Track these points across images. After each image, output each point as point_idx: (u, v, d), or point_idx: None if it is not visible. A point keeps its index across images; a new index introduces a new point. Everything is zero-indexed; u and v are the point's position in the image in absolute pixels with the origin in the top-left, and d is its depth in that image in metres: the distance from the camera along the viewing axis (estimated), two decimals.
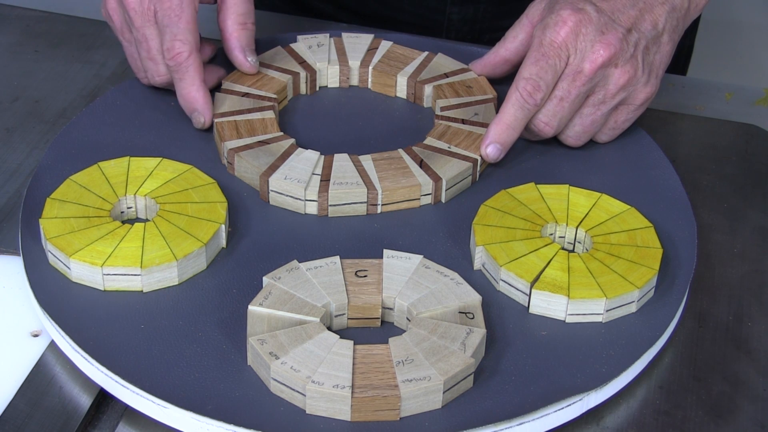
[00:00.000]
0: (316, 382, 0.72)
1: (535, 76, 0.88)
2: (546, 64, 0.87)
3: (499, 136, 0.89)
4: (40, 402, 0.75)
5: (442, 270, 0.80)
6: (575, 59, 0.87)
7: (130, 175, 0.86)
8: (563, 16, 0.87)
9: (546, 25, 0.88)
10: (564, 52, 0.87)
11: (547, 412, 0.74)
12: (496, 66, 0.97)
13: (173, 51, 0.90)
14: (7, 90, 1.01)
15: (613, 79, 0.88)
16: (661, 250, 0.83)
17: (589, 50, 0.87)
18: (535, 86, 0.88)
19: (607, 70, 0.88)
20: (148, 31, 0.91)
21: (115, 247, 0.80)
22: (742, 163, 0.97)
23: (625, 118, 0.92)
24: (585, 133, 0.91)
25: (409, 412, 0.73)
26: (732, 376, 0.80)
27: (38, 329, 0.80)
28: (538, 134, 0.91)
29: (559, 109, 0.89)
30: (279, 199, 0.87)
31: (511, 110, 0.89)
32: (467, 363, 0.74)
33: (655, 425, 0.76)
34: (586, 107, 0.90)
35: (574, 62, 0.87)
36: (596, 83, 0.88)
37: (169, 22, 0.90)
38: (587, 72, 0.87)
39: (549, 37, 0.87)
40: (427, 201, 0.88)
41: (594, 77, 0.87)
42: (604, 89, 0.89)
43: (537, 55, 0.88)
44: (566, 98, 0.88)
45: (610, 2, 0.88)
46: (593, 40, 0.87)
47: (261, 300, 0.77)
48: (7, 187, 0.91)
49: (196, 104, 0.91)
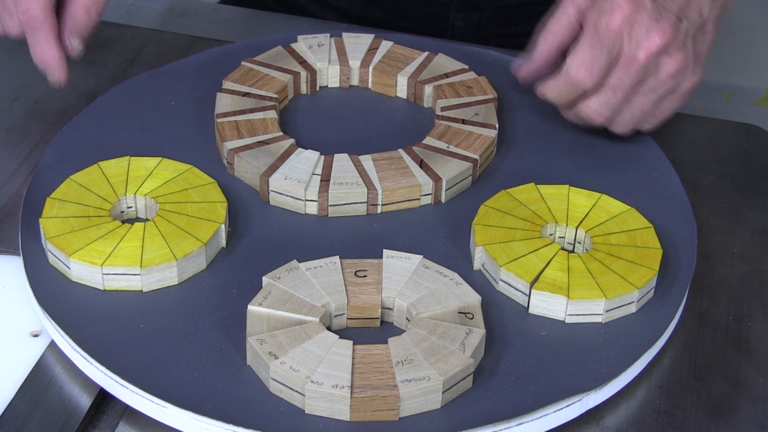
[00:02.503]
0: (316, 382, 0.72)
1: (588, 63, 0.86)
2: (600, 51, 0.86)
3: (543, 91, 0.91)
4: (40, 402, 0.75)
5: (442, 270, 0.80)
6: (630, 47, 0.86)
7: (130, 175, 0.86)
8: (619, 3, 0.86)
9: (601, 10, 0.86)
10: (619, 39, 0.86)
11: (546, 413, 0.74)
12: (551, 54, 0.93)
13: (26, 5, 0.89)
14: (7, 90, 1.01)
15: (665, 68, 0.87)
16: (661, 250, 0.83)
17: (645, 38, 0.86)
18: (589, 71, 0.87)
19: (660, 59, 0.87)
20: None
21: (115, 247, 0.80)
22: (742, 163, 0.97)
23: (670, 107, 0.91)
24: (633, 120, 0.91)
25: (408, 412, 0.73)
26: (732, 376, 0.80)
27: (38, 329, 0.80)
28: (588, 121, 0.91)
29: (612, 99, 0.88)
30: (279, 199, 0.87)
31: (560, 85, 0.89)
32: (466, 363, 0.74)
33: (655, 425, 0.76)
34: (637, 95, 0.89)
35: (628, 50, 0.86)
36: (648, 71, 0.87)
37: None
38: (642, 60, 0.86)
39: (605, 22, 0.86)
40: (427, 201, 0.88)
41: (647, 65, 0.86)
42: (655, 77, 0.88)
43: (592, 40, 0.86)
44: (620, 87, 0.87)
45: None
46: (648, 28, 0.86)
47: (260, 300, 0.77)
48: (7, 187, 0.91)
49: (49, 62, 0.91)
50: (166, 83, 0.98)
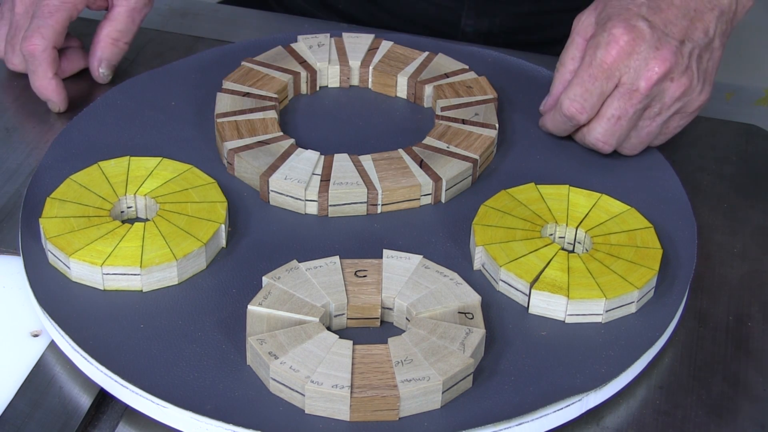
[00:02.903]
0: (315, 382, 0.72)
1: (580, 98, 0.87)
2: (593, 86, 0.87)
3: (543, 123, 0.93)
4: (40, 402, 0.75)
5: (442, 270, 0.80)
6: (629, 77, 0.86)
7: (130, 175, 0.86)
8: (615, 35, 0.86)
9: (598, 44, 0.87)
10: (615, 72, 0.86)
11: (546, 413, 0.74)
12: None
13: (30, 41, 0.95)
14: (7, 90, 1.01)
15: (669, 93, 0.87)
16: (661, 250, 0.83)
17: (644, 68, 0.86)
18: (579, 109, 0.88)
19: (663, 85, 0.87)
20: (23, 20, 0.97)
21: (115, 247, 0.80)
22: (742, 163, 0.97)
23: (678, 125, 0.91)
24: (641, 144, 0.91)
25: (408, 412, 0.73)
26: (732, 376, 0.80)
27: (38, 329, 0.80)
28: (595, 149, 0.91)
29: (617, 128, 0.88)
30: (279, 199, 0.87)
31: (554, 122, 0.91)
32: (466, 363, 0.74)
33: (655, 425, 0.76)
34: (643, 120, 0.89)
35: (628, 81, 0.86)
36: (653, 98, 0.87)
37: (41, 15, 0.95)
38: (643, 90, 0.86)
39: (600, 57, 0.86)
40: (427, 201, 0.88)
41: (650, 94, 0.87)
42: (660, 102, 0.88)
43: (585, 76, 0.87)
44: (623, 117, 0.88)
45: (661, 14, 0.87)
46: (647, 57, 0.86)
47: (260, 300, 0.77)
48: (7, 187, 0.91)
49: (50, 94, 0.97)
50: (166, 83, 0.98)
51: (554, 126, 0.92)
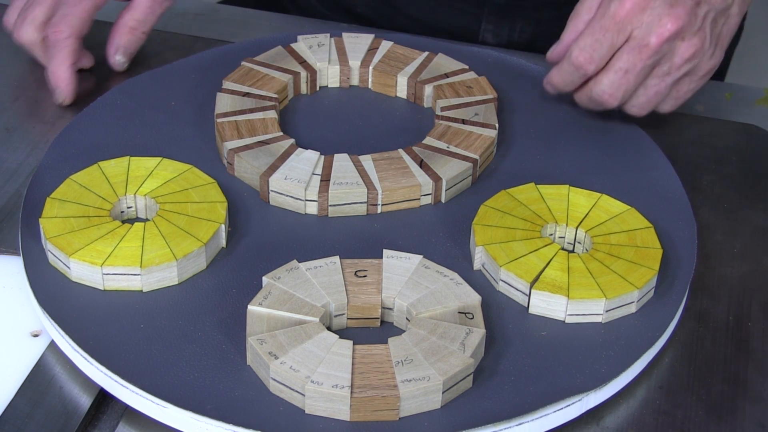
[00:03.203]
0: (316, 382, 0.72)
1: (590, 48, 0.87)
2: (603, 37, 0.87)
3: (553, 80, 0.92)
4: (40, 402, 0.75)
5: (442, 270, 0.80)
6: (640, 32, 0.86)
7: (130, 175, 0.86)
8: None
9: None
10: (626, 26, 0.86)
11: (546, 413, 0.74)
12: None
13: (56, 27, 0.96)
14: (7, 90, 1.01)
15: (680, 52, 0.87)
16: (661, 250, 0.83)
17: (656, 23, 0.86)
18: (587, 58, 0.88)
19: (674, 43, 0.87)
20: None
21: (115, 247, 0.80)
22: (742, 163, 0.97)
23: (688, 89, 0.91)
24: (649, 103, 0.91)
25: (408, 412, 0.73)
26: (732, 376, 0.80)
27: (38, 329, 0.80)
28: (602, 105, 0.91)
29: (623, 82, 0.88)
30: (279, 199, 0.87)
31: (561, 73, 0.90)
32: (466, 363, 0.74)
33: (655, 425, 0.76)
34: (651, 78, 0.89)
35: (639, 35, 0.86)
36: (662, 55, 0.87)
37: (68, 3, 0.96)
38: (653, 45, 0.86)
39: (613, 9, 0.86)
40: (427, 201, 0.88)
41: (660, 50, 0.86)
42: (669, 61, 0.88)
43: (596, 27, 0.87)
44: (631, 71, 0.88)
45: None
46: (661, 14, 0.86)
47: (260, 300, 0.77)
48: (7, 187, 0.91)
49: (61, 83, 0.97)
50: (166, 83, 0.98)
51: (561, 78, 0.92)
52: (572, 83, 0.91)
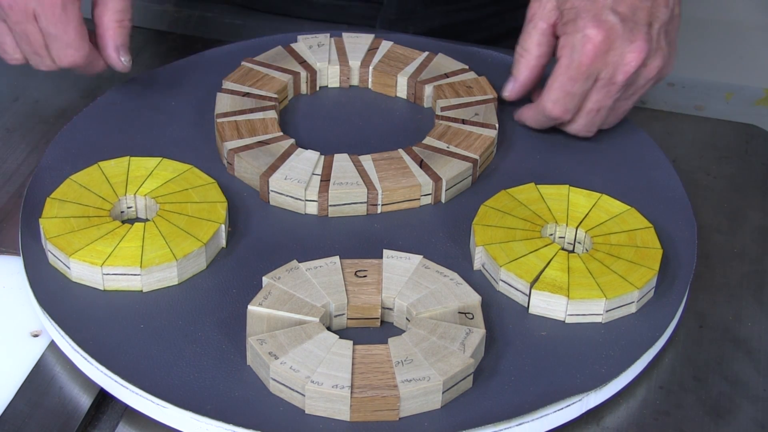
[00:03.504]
0: (316, 382, 0.72)
1: (563, 101, 0.89)
2: (573, 89, 0.88)
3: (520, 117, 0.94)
4: (40, 402, 0.75)
5: (442, 270, 0.80)
6: (607, 73, 0.87)
7: (130, 175, 0.86)
8: (589, 36, 0.86)
9: (573, 46, 0.87)
10: (593, 72, 0.87)
11: (546, 413, 0.74)
12: (537, 78, 0.93)
13: (67, 59, 0.89)
14: (7, 90, 1.01)
15: (644, 75, 0.88)
16: (661, 250, 0.82)
17: (621, 62, 0.87)
18: (563, 110, 0.89)
19: (638, 71, 0.88)
20: (29, 27, 0.87)
21: (115, 247, 0.80)
22: (742, 163, 0.97)
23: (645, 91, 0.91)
24: (617, 119, 0.93)
25: (408, 412, 0.73)
26: (732, 376, 0.80)
27: (38, 329, 0.80)
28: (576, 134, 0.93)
29: (597, 118, 0.90)
30: (279, 199, 0.87)
31: (537, 120, 0.92)
32: (466, 363, 0.74)
33: (655, 425, 0.76)
34: (618, 101, 0.90)
35: (605, 76, 0.87)
36: (629, 85, 0.88)
37: (56, 32, 0.87)
38: (620, 82, 0.87)
39: (577, 60, 0.87)
40: (427, 201, 0.88)
41: (627, 83, 0.88)
42: (635, 85, 0.89)
43: (564, 80, 0.88)
44: (603, 108, 0.89)
45: (626, 1, 0.87)
46: (623, 51, 0.86)
47: (260, 300, 0.77)
48: (7, 187, 0.91)
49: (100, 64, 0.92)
50: (166, 83, 0.98)
51: (535, 123, 0.93)
52: (546, 126, 0.93)
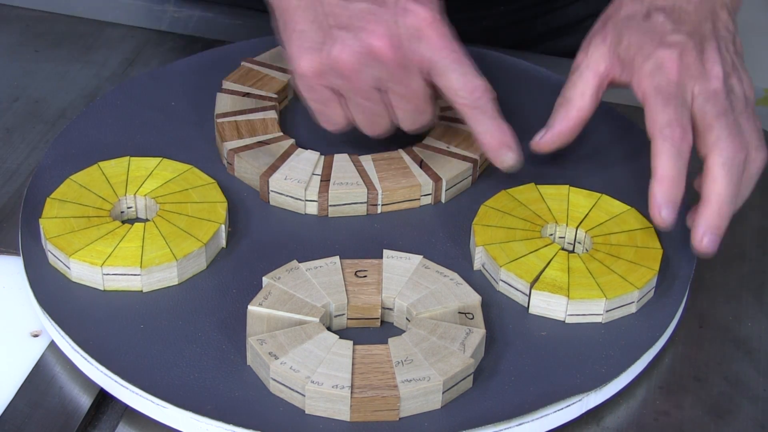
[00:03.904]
0: (316, 382, 0.72)
1: (675, 118, 0.79)
2: (676, 103, 0.80)
3: (668, 195, 0.79)
4: (40, 402, 0.75)
5: (442, 270, 0.80)
6: (701, 86, 0.81)
7: (130, 175, 0.86)
8: (663, 56, 0.81)
9: (651, 71, 0.81)
10: (684, 86, 0.81)
11: (546, 413, 0.74)
12: (573, 131, 0.86)
13: (476, 90, 0.82)
14: (7, 90, 1.01)
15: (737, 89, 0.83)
16: (661, 250, 0.83)
17: (705, 73, 0.81)
18: (682, 126, 0.79)
19: (729, 82, 0.82)
20: (415, 80, 0.81)
21: (115, 247, 0.80)
22: None
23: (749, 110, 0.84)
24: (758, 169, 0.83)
25: (408, 412, 0.73)
26: (732, 376, 0.80)
27: (38, 329, 0.80)
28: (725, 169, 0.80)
29: (728, 122, 0.80)
30: (279, 199, 0.87)
31: (669, 163, 0.79)
32: (467, 363, 0.74)
33: (655, 425, 0.76)
34: (739, 116, 0.81)
35: (702, 89, 0.81)
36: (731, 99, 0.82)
37: (452, 65, 0.81)
38: (720, 89, 0.81)
39: (663, 79, 0.81)
40: (427, 201, 0.88)
41: (726, 91, 0.81)
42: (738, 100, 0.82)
43: (661, 100, 0.80)
44: (728, 111, 0.80)
45: (688, 22, 0.83)
46: (701, 63, 0.81)
47: (260, 300, 0.77)
48: (7, 187, 0.91)
49: (509, 138, 0.83)
50: (166, 83, 0.98)
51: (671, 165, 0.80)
52: (685, 167, 0.80)
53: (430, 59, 0.80)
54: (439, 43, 0.80)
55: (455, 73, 0.81)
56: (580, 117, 0.85)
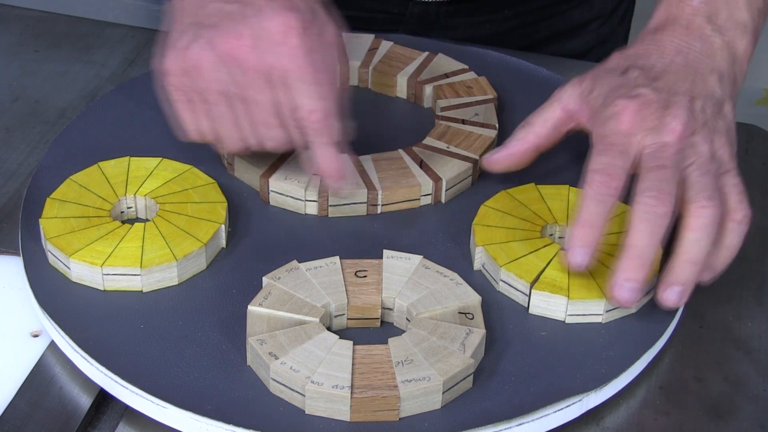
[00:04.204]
0: (316, 383, 0.72)
1: (606, 165, 0.78)
2: (615, 152, 0.78)
3: (581, 238, 0.77)
4: (40, 402, 0.75)
5: (442, 270, 0.80)
6: (651, 138, 0.79)
7: (130, 175, 0.86)
8: (621, 105, 0.80)
9: (605, 119, 0.80)
10: (632, 137, 0.79)
11: (546, 413, 0.74)
12: (526, 154, 0.86)
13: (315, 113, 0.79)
14: (7, 90, 1.01)
15: (700, 146, 0.80)
16: (661, 250, 0.82)
17: (662, 126, 0.79)
18: (608, 174, 0.77)
19: (691, 140, 0.79)
20: (268, 89, 0.79)
21: (115, 247, 0.80)
22: (742, 163, 0.96)
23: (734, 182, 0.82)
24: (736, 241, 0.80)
25: (408, 412, 0.73)
26: (732, 376, 0.80)
27: (38, 329, 0.80)
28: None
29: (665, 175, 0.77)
30: (279, 199, 0.87)
31: (588, 207, 0.77)
32: (466, 363, 0.74)
33: (655, 425, 0.76)
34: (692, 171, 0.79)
35: (651, 141, 0.79)
36: (686, 154, 0.79)
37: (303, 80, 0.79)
38: (672, 142, 0.78)
39: (612, 127, 0.79)
40: (427, 201, 0.88)
41: (681, 147, 0.79)
42: (695, 154, 0.79)
43: (603, 147, 0.79)
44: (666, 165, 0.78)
45: (663, 80, 0.82)
46: (661, 116, 0.79)
47: (261, 300, 0.77)
48: (7, 187, 0.91)
49: (337, 166, 0.82)
50: None
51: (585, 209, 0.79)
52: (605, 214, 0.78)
53: (282, 68, 0.78)
54: (295, 53, 0.78)
55: (300, 89, 0.78)
56: (537, 143, 0.85)
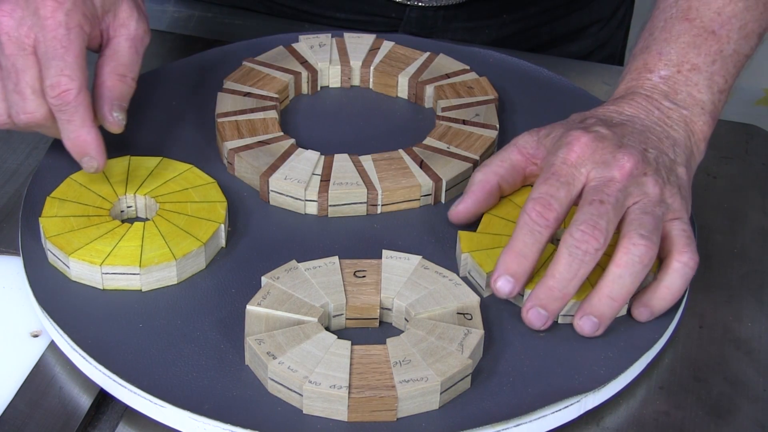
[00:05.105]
0: (314, 382, 0.72)
1: (545, 194, 0.77)
2: (557, 182, 0.78)
3: (508, 267, 0.77)
4: (40, 402, 0.75)
5: (441, 271, 0.80)
6: (598, 172, 0.78)
7: (130, 175, 0.86)
8: (574, 135, 0.79)
9: (557, 148, 0.80)
10: (580, 169, 0.78)
11: (545, 413, 0.74)
12: (490, 194, 0.84)
13: (60, 88, 0.79)
14: None
15: (649, 187, 0.78)
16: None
17: (612, 160, 0.78)
18: (545, 205, 0.77)
19: (639, 179, 0.78)
20: (21, 61, 0.80)
21: (115, 246, 0.80)
22: (742, 163, 0.97)
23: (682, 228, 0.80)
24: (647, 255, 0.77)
25: (406, 412, 0.73)
26: (732, 376, 0.79)
27: (38, 329, 0.80)
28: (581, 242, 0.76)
29: (602, 210, 0.76)
30: (279, 199, 0.87)
31: (520, 235, 0.77)
32: (465, 364, 0.74)
33: (655, 425, 0.76)
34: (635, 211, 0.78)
35: (597, 174, 0.78)
36: (631, 192, 0.78)
37: (54, 54, 0.79)
38: (619, 178, 0.78)
39: (561, 156, 0.79)
40: (427, 201, 0.88)
41: (627, 184, 0.78)
42: (642, 192, 0.78)
43: (547, 175, 0.78)
44: (606, 201, 0.76)
45: (616, 128, 0.81)
46: (613, 151, 0.78)
47: (259, 300, 0.77)
48: (7, 187, 0.91)
49: (88, 148, 0.82)
50: (166, 83, 0.98)
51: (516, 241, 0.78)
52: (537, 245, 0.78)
53: (36, 40, 0.79)
54: (49, 25, 0.78)
55: (50, 65, 0.78)
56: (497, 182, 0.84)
